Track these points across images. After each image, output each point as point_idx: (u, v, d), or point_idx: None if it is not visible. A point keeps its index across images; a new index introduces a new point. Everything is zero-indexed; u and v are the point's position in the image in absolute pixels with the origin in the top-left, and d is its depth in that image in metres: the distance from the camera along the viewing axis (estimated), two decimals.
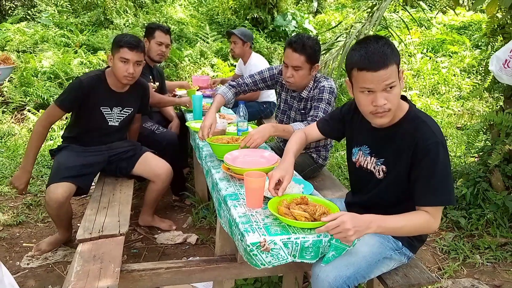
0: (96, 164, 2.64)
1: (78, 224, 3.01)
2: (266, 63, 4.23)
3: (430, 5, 13.32)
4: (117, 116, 2.67)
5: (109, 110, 2.61)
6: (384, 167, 1.61)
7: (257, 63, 4.05)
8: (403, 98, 1.59)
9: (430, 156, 1.45)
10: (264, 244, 1.37)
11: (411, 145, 1.49)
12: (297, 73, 2.41)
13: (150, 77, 3.38)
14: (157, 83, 3.49)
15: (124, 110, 2.68)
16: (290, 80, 2.46)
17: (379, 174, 1.63)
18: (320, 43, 2.57)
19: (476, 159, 3.56)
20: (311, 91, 2.55)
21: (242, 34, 4.02)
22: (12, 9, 9.23)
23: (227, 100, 2.66)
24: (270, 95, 4.27)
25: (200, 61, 7.22)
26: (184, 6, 11.53)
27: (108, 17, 9.18)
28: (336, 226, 1.31)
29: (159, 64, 3.67)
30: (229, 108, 3.00)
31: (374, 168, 1.65)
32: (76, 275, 1.66)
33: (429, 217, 1.45)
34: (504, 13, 3.06)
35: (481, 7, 3.42)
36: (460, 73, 7.63)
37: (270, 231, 1.42)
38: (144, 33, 3.49)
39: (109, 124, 2.65)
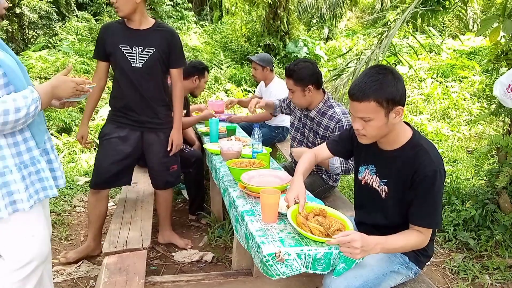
0: (132, 155, 2.74)
1: (102, 242, 3.16)
2: (286, 88, 4.37)
3: (440, 31, 13.53)
4: (140, 56, 2.56)
5: (128, 48, 2.55)
6: (386, 188, 1.73)
7: (277, 87, 4.26)
8: (407, 124, 1.73)
9: (427, 183, 1.59)
10: (279, 255, 1.49)
11: (411, 171, 1.62)
12: (293, 95, 2.69)
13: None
14: (185, 111, 3.69)
15: (146, 50, 2.56)
16: (292, 101, 2.81)
17: (383, 194, 1.75)
18: (331, 69, 2.77)
19: (485, 181, 3.63)
20: (322, 116, 2.69)
21: (261, 60, 4.24)
22: (35, 37, 9.68)
23: (275, 106, 3.24)
24: (283, 120, 4.42)
25: (214, 87, 7.45)
26: (199, 34, 11.92)
27: None
28: (347, 242, 1.44)
29: None
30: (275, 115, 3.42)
31: (378, 187, 1.77)
32: (104, 286, 1.79)
33: (421, 236, 1.62)
34: (507, 40, 3.19)
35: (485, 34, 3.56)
36: (470, 97, 7.73)
37: (284, 243, 1.54)
38: (190, 69, 3.58)
39: (133, 65, 2.56)
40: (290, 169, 2.89)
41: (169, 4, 12.68)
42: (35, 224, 1.61)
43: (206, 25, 13.98)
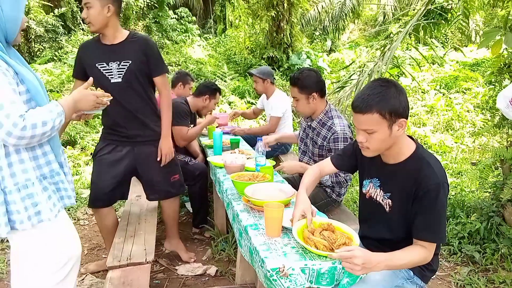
0: (125, 171, 2.72)
1: (104, 256, 3.15)
2: (287, 100, 4.42)
3: (442, 42, 13.58)
4: (117, 71, 2.51)
5: (105, 65, 2.50)
6: (390, 201, 1.73)
7: (278, 100, 4.31)
8: (411, 138, 1.74)
9: (430, 196, 1.58)
10: (283, 270, 1.49)
11: (415, 184, 1.62)
12: (297, 103, 2.74)
13: (189, 122, 3.65)
14: (192, 125, 3.74)
15: (122, 63, 2.50)
16: (296, 110, 2.82)
17: (387, 208, 1.75)
18: (334, 81, 2.82)
19: (489, 194, 3.61)
20: (321, 126, 2.73)
21: (261, 73, 4.30)
22: (41, 50, 9.78)
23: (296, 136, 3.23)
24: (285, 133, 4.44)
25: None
26: (203, 47, 12.02)
27: None
28: (348, 257, 1.44)
29: None
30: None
31: (382, 200, 1.77)
32: None
33: (425, 251, 1.59)
34: (509, 53, 3.20)
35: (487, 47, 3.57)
36: (474, 109, 7.72)
37: (288, 258, 1.54)
38: (202, 88, 3.73)
39: (112, 81, 2.50)
40: (294, 182, 2.89)
41: (173, 18, 12.84)
42: (63, 227, 1.68)
43: (210, 38, 14.12)
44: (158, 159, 2.69)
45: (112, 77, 2.51)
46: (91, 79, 1.84)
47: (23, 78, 1.52)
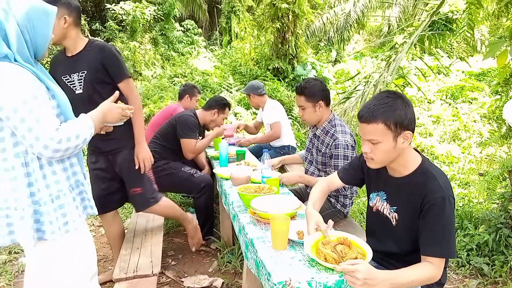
0: (112, 179, 2.73)
1: (110, 267, 3.15)
2: (280, 106, 4.62)
3: (448, 52, 13.58)
4: (78, 82, 2.47)
5: (68, 77, 2.48)
6: (396, 214, 1.72)
7: (270, 107, 4.48)
8: (417, 151, 1.74)
9: (436, 209, 1.56)
10: (290, 283, 1.48)
11: (420, 197, 1.61)
12: (304, 112, 2.78)
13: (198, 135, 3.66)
14: (200, 137, 3.76)
15: (80, 74, 2.46)
16: (302, 118, 2.85)
17: (393, 221, 1.74)
18: (340, 91, 2.85)
19: (497, 205, 3.58)
20: (325, 134, 2.77)
21: (247, 90, 4.52)
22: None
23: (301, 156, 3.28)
24: (288, 139, 4.54)
25: None
26: (209, 58, 12.10)
27: (137, 69, 9.74)
28: (351, 271, 1.42)
29: None
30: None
31: (389, 214, 1.76)
32: None
33: (433, 269, 1.56)
34: None
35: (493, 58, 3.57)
36: (481, 119, 7.69)
37: (295, 271, 1.53)
38: (212, 102, 3.77)
39: (76, 93, 2.47)
40: (301, 194, 2.89)
41: (179, 30, 12.98)
42: (85, 237, 1.72)
43: (215, 50, 14.23)
44: (137, 167, 2.64)
45: (76, 89, 2.47)
46: (117, 92, 1.89)
47: (54, 94, 1.59)
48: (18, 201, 1.50)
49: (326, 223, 1.73)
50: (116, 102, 2.54)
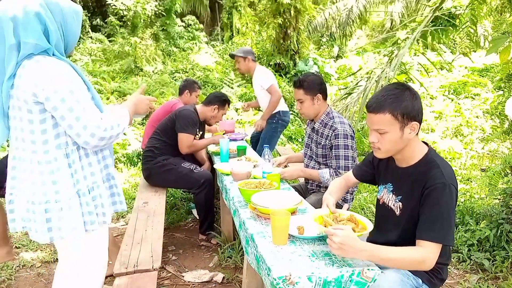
0: None
1: (109, 262, 3.16)
2: (270, 72, 4.64)
3: (451, 48, 13.51)
4: None
5: None
6: (400, 204, 1.73)
7: (261, 71, 4.50)
8: (425, 143, 1.75)
9: (434, 194, 1.57)
10: (290, 278, 1.48)
11: (422, 184, 1.62)
12: (302, 105, 2.79)
13: (198, 129, 3.67)
14: (201, 133, 3.77)
15: None
16: (300, 112, 2.85)
17: (397, 211, 1.75)
18: (342, 87, 2.86)
19: (499, 200, 3.57)
20: (324, 127, 2.78)
21: (241, 52, 4.49)
22: None
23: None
24: (280, 104, 4.51)
25: None
26: (210, 54, 12.08)
27: (138, 65, 9.74)
28: (331, 234, 1.47)
29: None
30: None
31: (393, 205, 1.77)
32: None
33: (424, 252, 1.53)
34: None
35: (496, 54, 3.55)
36: (483, 115, 7.67)
37: (295, 266, 1.53)
38: (212, 98, 3.75)
39: None
40: (301, 190, 2.89)
41: (180, 25, 12.95)
42: (106, 231, 1.76)
43: (217, 45, 14.19)
44: None
45: None
46: (144, 85, 1.95)
47: (89, 86, 1.62)
48: (59, 193, 1.51)
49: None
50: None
